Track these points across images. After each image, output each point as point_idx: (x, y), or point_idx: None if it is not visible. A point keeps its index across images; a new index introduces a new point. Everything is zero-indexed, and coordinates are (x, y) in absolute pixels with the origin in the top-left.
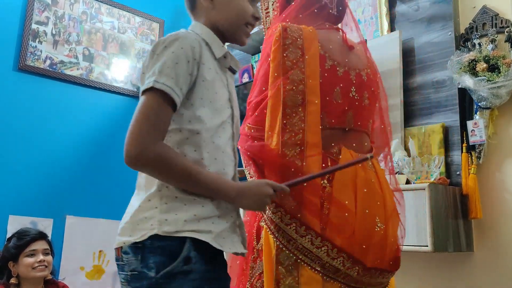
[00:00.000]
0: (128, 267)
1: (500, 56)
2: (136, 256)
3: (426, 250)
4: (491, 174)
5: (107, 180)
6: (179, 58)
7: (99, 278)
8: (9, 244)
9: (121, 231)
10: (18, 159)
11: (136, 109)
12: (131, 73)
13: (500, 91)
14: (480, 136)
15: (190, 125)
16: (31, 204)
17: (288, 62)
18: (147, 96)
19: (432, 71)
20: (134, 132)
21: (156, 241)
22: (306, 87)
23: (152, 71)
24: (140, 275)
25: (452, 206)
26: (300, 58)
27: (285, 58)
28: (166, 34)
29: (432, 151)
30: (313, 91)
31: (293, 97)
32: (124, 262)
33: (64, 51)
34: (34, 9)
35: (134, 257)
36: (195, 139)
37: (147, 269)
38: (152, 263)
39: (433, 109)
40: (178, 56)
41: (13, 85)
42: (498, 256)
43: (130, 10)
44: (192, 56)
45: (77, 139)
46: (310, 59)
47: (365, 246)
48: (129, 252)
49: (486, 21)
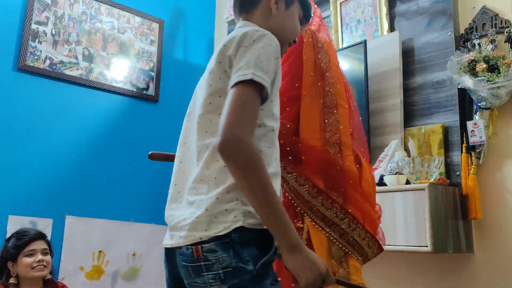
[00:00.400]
0: (219, 265)
1: (500, 56)
2: (228, 252)
3: (426, 251)
4: (491, 175)
5: (106, 180)
6: (269, 54)
7: (99, 278)
8: (8, 244)
9: (192, 225)
10: (17, 159)
11: (233, 98)
12: (130, 73)
13: (500, 91)
14: (480, 137)
15: (268, 121)
16: (30, 204)
17: (322, 64)
18: (244, 87)
19: (432, 71)
20: (234, 120)
21: (244, 234)
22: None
23: (246, 63)
24: (237, 271)
25: (452, 206)
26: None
27: (319, 60)
28: (165, 34)
29: (432, 151)
30: (341, 95)
31: (330, 98)
32: (211, 261)
33: (63, 51)
34: (34, 9)
35: (225, 254)
36: (270, 136)
37: (243, 263)
38: (247, 256)
39: (433, 109)
40: (268, 52)
41: (13, 85)
42: (498, 257)
43: (130, 10)
44: (277, 54)
45: (77, 139)
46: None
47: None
48: (217, 249)
49: (486, 22)
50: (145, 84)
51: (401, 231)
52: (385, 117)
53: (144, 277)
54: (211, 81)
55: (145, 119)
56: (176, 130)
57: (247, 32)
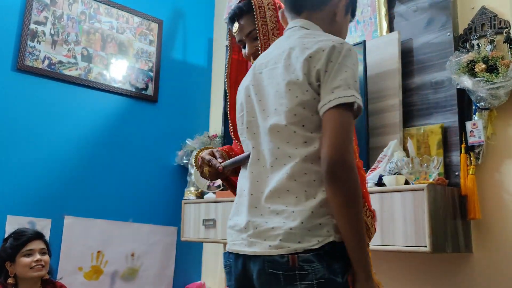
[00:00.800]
0: (314, 275)
1: (498, 57)
2: (322, 264)
3: (424, 251)
4: (489, 175)
5: (105, 180)
6: (356, 71)
7: (97, 279)
8: (6, 244)
9: (286, 236)
10: (16, 159)
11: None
12: (129, 73)
13: (499, 91)
14: (479, 137)
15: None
16: (29, 204)
17: None
18: (346, 110)
19: (431, 72)
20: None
21: (335, 247)
22: None
23: (344, 82)
24: (330, 282)
25: (451, 206)
26: None
27: None
28: (164, 35)
29: (431, 151)
30: None
31: None
32: (307, 272)
33: (62, 51)
34: (33, 9)
35: (320, 265)
36: None
37: (334, 275)
38: (337, 268)
39: (432, 110)
40: (355, 70)
41: (11, 85)
42: (497, 257)
43: (129, 10)
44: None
45: (76, 139)
46: None
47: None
48: (313, 260)
49: (485, 22)
50: (144, 84)
51: (400, 231)
52: (384, 117)
53: (143, 277)
54: (296, 92)
55: (144, 119)
56: (175, 131)
57: (335, 46)
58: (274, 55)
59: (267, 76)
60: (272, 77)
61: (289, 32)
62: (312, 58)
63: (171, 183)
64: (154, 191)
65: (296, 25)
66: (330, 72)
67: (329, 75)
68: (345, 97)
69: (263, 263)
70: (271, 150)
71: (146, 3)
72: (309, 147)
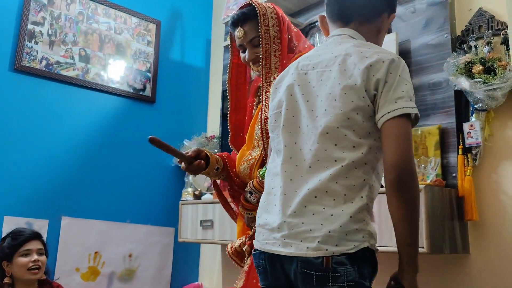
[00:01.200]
0: (345, 277)
1: (496, 58)
2: (354, 267)
3: (422, 252)
4: (487, 176)
5: (103, 181)
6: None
7: (94, 280)
8: (3, 244)
9: (324, 238)
10: (13, 159)
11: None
12: (127, 74)
13: (496, 93)
14: (476, 138)
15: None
16: (26, 205)
17: None
18: (407, 120)
19: (428, 73)
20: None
21: (366, 253)
22: None
23: (406, 94)
24: (358, 285)
25: (448, 208)
26: None
27: None
28: (162, 35)
29: (428, 153)
30: None
31: None
32: (339, 273)
33: (60, 51)
34: (30, 9)
35: (352, 268)
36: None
37: (363, 279)
38: (366, 273)
39: (429, 111)
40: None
41: (9, 85)
42: (494, 258)
43: (127, 10)
44: None
45: (73, 140)
46: None
47: None
48: (346, 263)
49: (482, 24)
50: (141, 85)
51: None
52: None
53: (140, 278)
54: (352, 97)
55: (141, 120)
56: (173, 131)
57: (394, 59)
58: (325, 59)
59: (316, 77)
60: (324, 79)
61: (337, 38)
62: (372, 67)
63: (168, 183)
64: (152, 191)
65: (345, 33)
66: (390, 83)
67: (390, 86)
68: (408, 108)
69: (296, 263)
70: (315, 151)
71: (144, 3)
72: (357, 152)
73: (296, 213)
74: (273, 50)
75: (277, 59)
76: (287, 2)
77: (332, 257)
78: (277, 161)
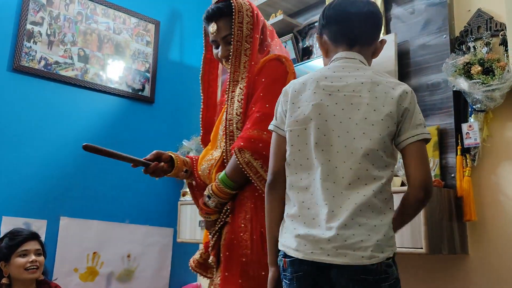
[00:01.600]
0: (392, 276)
1: (494, 59)
2: (394, 267)
3: (420, 252)
4: (485, 177)
5: (101, 181)
6: None
7: (93, 280)
8: (1, 244)
9: (375, 247)
10: (12, 160)
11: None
12: (126, 74)
13: (495, 94)
14: (475, 139)
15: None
16: (24, 205)
17: None
18: (424, 144)
19: (427, 74)
20: (429, 174)
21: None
22: None
23: (423, 121)
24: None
25: (447, 208)
26: None
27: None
28: (161, 35)
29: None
30: None
31: None
32: (389, 274)
33: (59, 51)
34: (29, 9)
35: (394, 268)
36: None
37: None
38: (395, 270)
39: (428, 112)
40: None
41: (7, 85)
42: (493, 258)
43: (126, 11)
44: None
45: (72, 140)
46: None
47: None
48: (392, 265)
49: (481, 24)
50: (140, 85)
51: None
52: None
53: (139, 278)
54: (388, 123)
55: (140, 120)
56: (171, 131)
57: (411, 91)
58: (350, 83)
59: (345, 101)
60: (354, 104)
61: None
62: (401, 97)
63: (167, 184)
64: (150, 192)
65: (355, 57)
66: (412, 111)
67: (412, 114)
68: (425, 134)
69: (354, 271)
70: (357, 170)
71: (143, 4)
72: (388, 170)
73: (347, 226)
74: (244, 49)
75: (247, 58)
76: (286, 2)
77: (383, 262)
78: (302, 175)
